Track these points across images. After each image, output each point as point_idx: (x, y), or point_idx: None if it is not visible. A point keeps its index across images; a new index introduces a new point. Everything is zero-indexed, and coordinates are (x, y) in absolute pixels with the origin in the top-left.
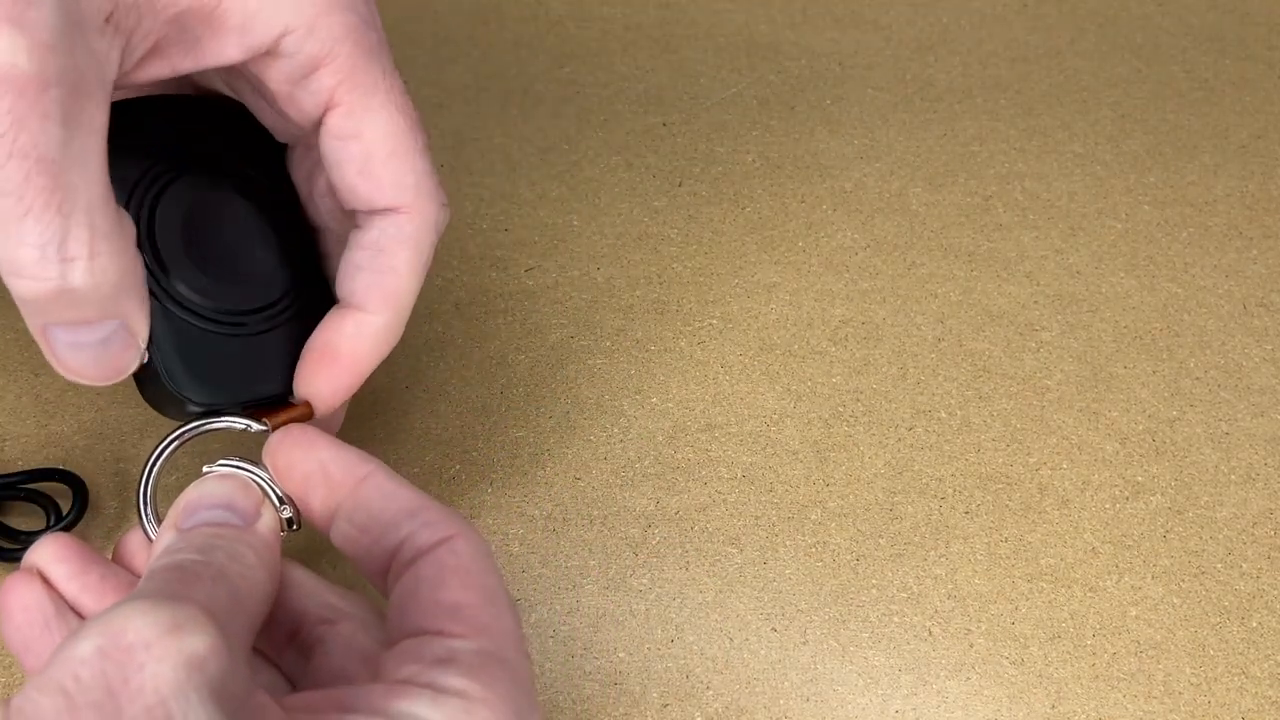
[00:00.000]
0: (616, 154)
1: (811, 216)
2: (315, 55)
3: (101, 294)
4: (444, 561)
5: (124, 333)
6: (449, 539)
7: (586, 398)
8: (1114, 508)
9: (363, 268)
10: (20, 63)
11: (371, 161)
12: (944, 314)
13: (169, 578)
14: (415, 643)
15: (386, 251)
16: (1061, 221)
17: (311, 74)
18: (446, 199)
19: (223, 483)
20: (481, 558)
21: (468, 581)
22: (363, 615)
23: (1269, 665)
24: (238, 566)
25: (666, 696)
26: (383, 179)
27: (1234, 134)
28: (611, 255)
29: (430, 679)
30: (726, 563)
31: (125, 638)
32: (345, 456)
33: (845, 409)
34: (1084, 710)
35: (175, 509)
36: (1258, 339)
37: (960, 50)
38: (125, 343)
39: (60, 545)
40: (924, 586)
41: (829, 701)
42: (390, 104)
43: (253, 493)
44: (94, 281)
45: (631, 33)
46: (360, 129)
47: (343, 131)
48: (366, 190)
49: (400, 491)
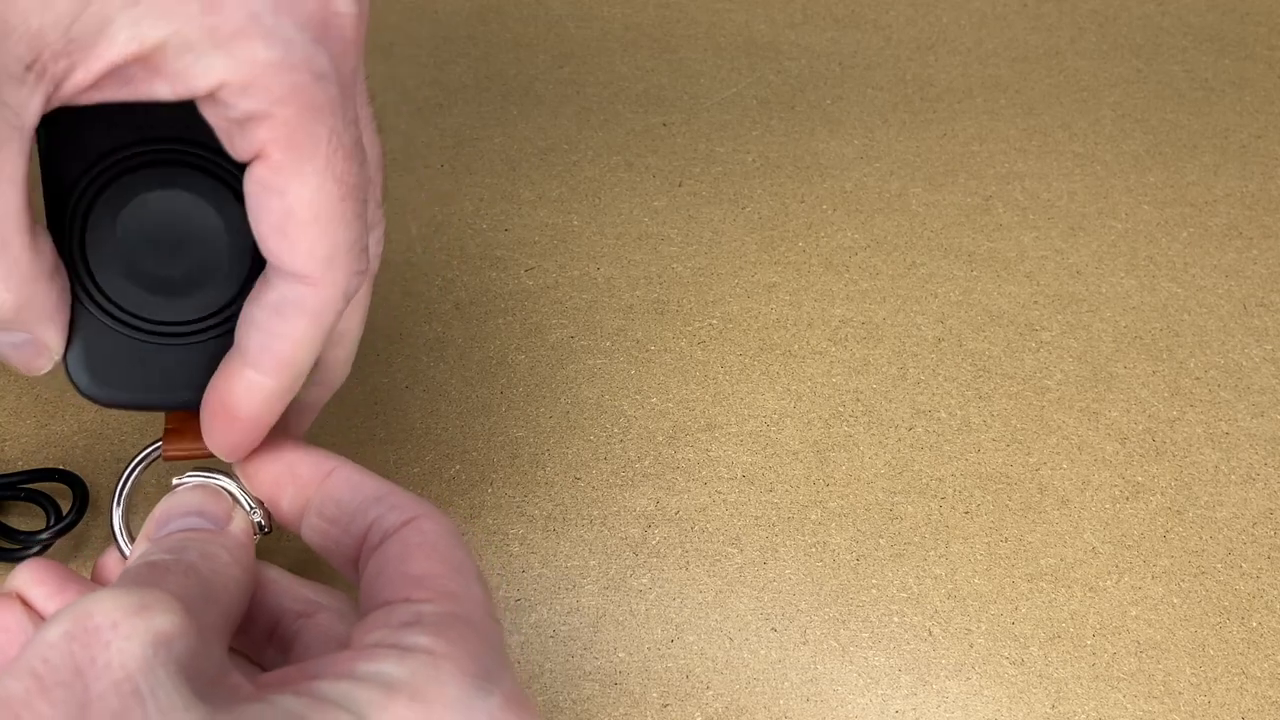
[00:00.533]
0: (616, 154)
1: (811, 216)
2: (251, 111)
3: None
4: (409, 539)
5: (32, 344)
6: (414, 519)
7: (586, 398)
8: (1114, 508)
9: (259, 327)
10: None
11: (289, 222)
12: (944, 314)
13: (139, 574)
14: (382, 612)
15: (284, 317)
16: (1061, 221)
17: (246, 124)
18: (367, 266)
19: (193, 493)
20: (447, 535)
21: (433, 555)
22: (338, 606)
23: (1269, 665)
24: (209, 563)
25: (666, 696)
26: (298, 244)
27: (1234, 134)
28: (611, 255)
29: (396, 639)
30: (726, 563)
31: (92, 620)
32: (311, 455)
33: (845, 409)
34: (1084, 710)
35: (149, 522)
36: (1258, 339)
37: (960, 50)
38: (35, 351)
39: (38, 569)
40: (924, 586)
41: (829, 701)
42: (327, 169)
43: (223, 500)
44: None
45: (631, 33)
46: (286, 187)
47: (267, 184)
48: (278, 249)
49: (366, 481)
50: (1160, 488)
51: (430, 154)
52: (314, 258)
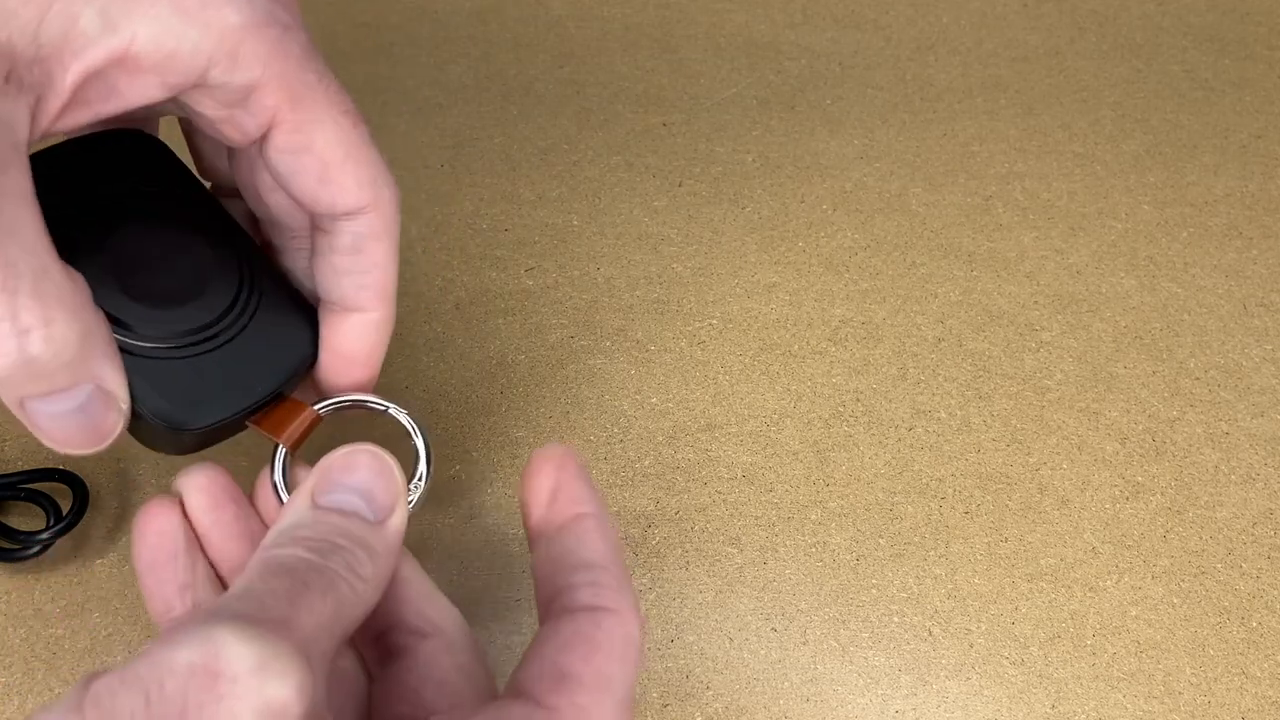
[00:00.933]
0: (616, 154)
1: (811, 216)
2: (247, 82)
3: (65, 359)
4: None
5: (100, 395)
6: (600, 610)
7: (586, 398)
8: (1114, 508)
9: (347, 271)
10: None
11: (329, 169)
12: (944, 314)
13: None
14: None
15: (365, 251)
16: (1061, 221)
17: (247, 98)
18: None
19: (368, 463)
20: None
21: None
22: (452, 635)
23: (1269, 665)
24: (350, 579)
25: (666, 696)
26: (344, 184)
27: (1234, 134)
28: (611, 255)
29: None
30: (726, 563)
31: (217, 663)
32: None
33: (845, 409)
34: (1084, 710)
35: (316, 473)
36: (1258, 339)
37: (960, 50)
38: (104, 403)
39: (205, 475)
40: (924, 586)
41: (829, 701)
42: (332, 108)
43: (392, 482)
44: (54, 349)
45: (631, 33)
46: (310, 142)
47: (292, 146)
48: (329, 197)
49: (598, 543)
50: (1160, 488)
51: (430, 154)
52: (363, 187)
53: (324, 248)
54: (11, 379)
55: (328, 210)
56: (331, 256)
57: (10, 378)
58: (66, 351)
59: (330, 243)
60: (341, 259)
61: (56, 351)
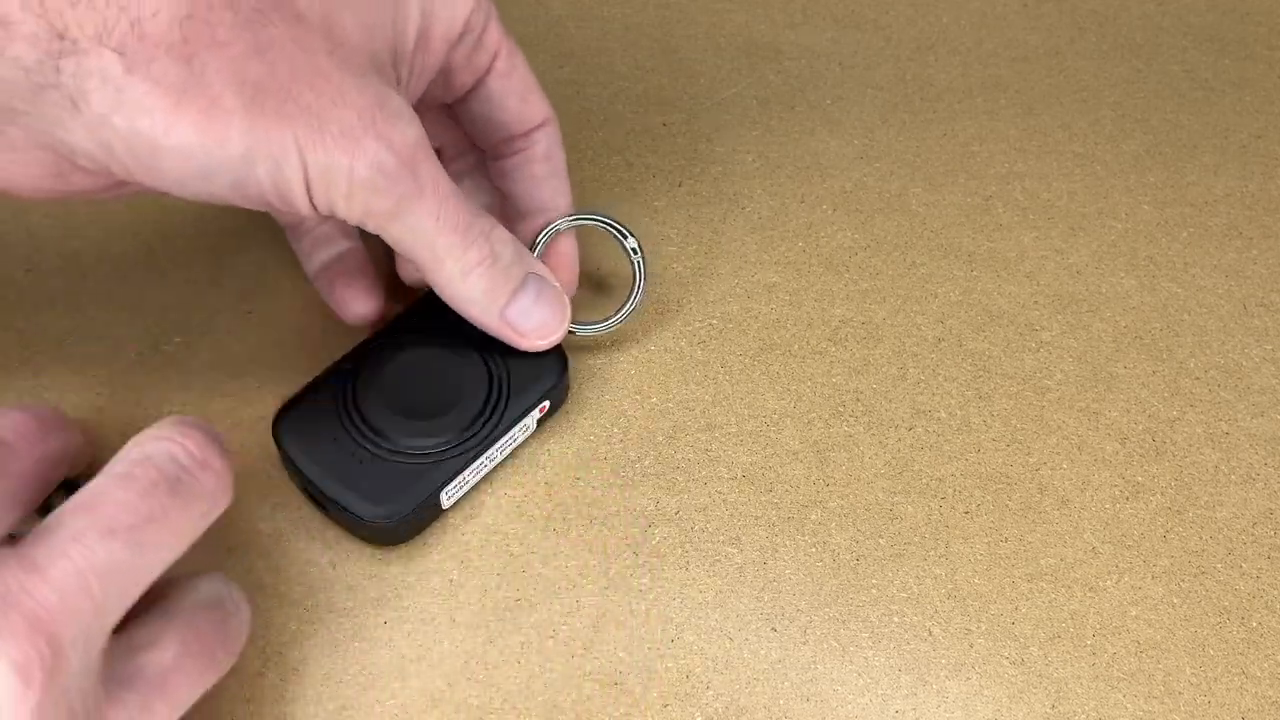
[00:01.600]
0: (616, 154)
1: (811, 216)
2: (483, 20)
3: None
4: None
5: (538, 281)
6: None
7: (586, 398)
8: (1114, 508)
9: (546, 176)
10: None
11: (527, 88)
12: (944, 314)
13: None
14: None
15: (554, 157)
16: (1061, 221)
17: (483, 35)
18: None
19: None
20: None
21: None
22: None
23: (1269, 665)
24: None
25: (666, 696)
26: (535, 101)
27: (1234, 134)
28: (612, 255)
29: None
30: (726, 563)
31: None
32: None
33: (845, 409)
34: (1084, 710)
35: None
36: (1258, 339)
37: (960, 50)
38: (546, 290)
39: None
40: (924, 586)
41: (829, 701)
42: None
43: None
44: (511, 247)
45: (631, 33)
46: (514, 66)
47: (505, 70)
48: (528, 113)
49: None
50: (1160, 488)
51: None
52: (544, 101)
53: (520, 164)
54: (493, 287)
55: (525, 125)
56: (529, 167)
57: (491, 287)
58: (511, 246)
59: (526, 156)
60: (538, 166)
61: (514, 247)
